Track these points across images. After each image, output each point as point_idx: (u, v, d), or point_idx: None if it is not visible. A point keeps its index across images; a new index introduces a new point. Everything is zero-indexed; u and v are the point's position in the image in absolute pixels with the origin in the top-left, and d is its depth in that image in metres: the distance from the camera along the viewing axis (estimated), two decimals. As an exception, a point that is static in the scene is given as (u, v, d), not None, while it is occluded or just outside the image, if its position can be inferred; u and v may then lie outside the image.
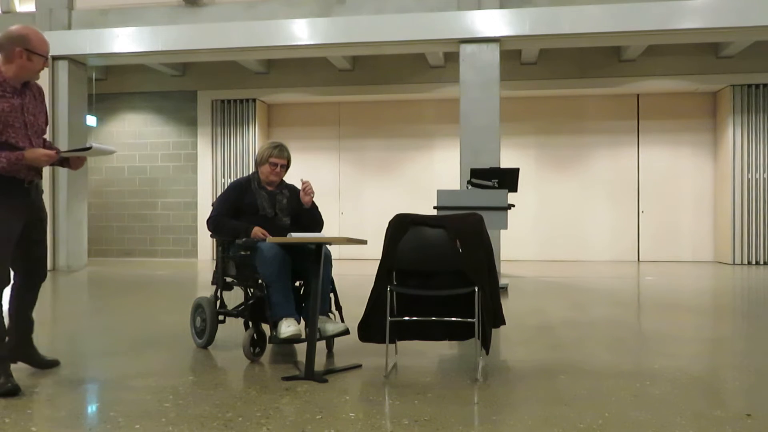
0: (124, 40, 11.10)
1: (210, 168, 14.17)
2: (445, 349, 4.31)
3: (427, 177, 13.91)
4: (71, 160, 3.46)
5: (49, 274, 4.05)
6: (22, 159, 3.17)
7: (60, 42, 11.28)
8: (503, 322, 3.91)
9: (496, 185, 7.60)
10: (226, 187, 4.51)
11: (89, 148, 3.29)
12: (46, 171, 10.68)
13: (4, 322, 3.29)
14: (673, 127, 13.53)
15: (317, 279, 3.60)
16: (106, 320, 5.53)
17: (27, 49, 3.25)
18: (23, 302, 3.51)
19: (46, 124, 3.50)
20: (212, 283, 4.41)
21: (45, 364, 3.65)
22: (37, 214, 3.45)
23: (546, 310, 6.16)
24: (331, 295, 4.11)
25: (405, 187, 14.04)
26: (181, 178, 14.36)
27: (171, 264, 12.85)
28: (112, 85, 14.29)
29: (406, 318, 3.75)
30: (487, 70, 10.15)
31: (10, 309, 3.50)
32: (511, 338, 4.69)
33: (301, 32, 10.62)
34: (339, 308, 4.17)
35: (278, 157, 4.24)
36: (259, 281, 3.90)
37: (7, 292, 3.38)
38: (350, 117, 14.42)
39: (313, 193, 4.28)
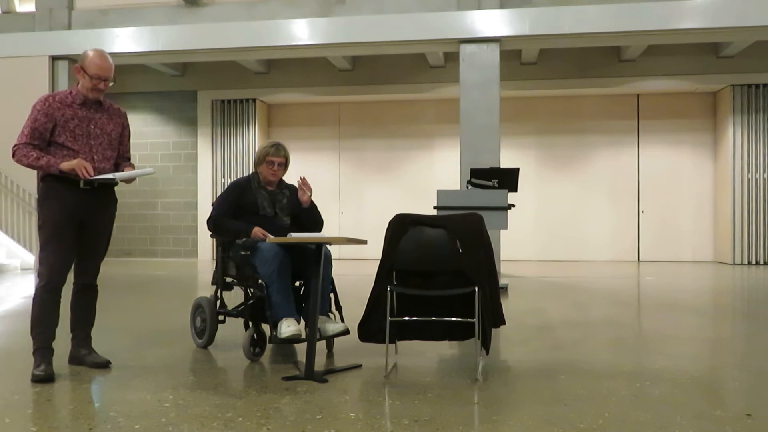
0: (124, 40, 11.11)
1: (210, 168, 14.17)
2: (445, 349, 4.30)
3: (427, 177, 13.91)
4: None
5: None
6: (55, 165, 3.45)
7: (60, 42, 11.29)
8: (503, 322, 3.91)
9: (496, 185, 7.59)
10: (226, 187, 4.51)
11: (113, 180, 3.61)
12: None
13: (54, 315, 3.54)
14: (673, 127, 13.53)
15: (317, 279, 3.60)
16: (105, 320, 5.53)
17: (82, 67, 3.60)
18: (74, 302, 3.79)
19: (122, 143, 3.81)
20: (212, 283, 4.41)
21: (95, 364, 3.72)
22: (97, 221, 3.67)
23: (546, 310, 6.16)
24: (331, 295, 4.10)
25: (405, 187, 14.04)
26: (181, 178, 14.36)
27: (171, 264, 12.85)
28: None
29: (406, 318, 3.75)
30: (487, 70, 10.15)
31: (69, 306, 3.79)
32: (511, 338, 4.69)
33: (301, 32, 10.62)
34: (339, 308, 4.16)
35: (275, 155, 4.23)
36: (259, 281, 3.90)
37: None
38: (350, 117, 14.42)
39: (310, 190, 4.27)
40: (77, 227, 3.59)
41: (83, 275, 3.74)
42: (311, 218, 4.32)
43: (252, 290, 4.06)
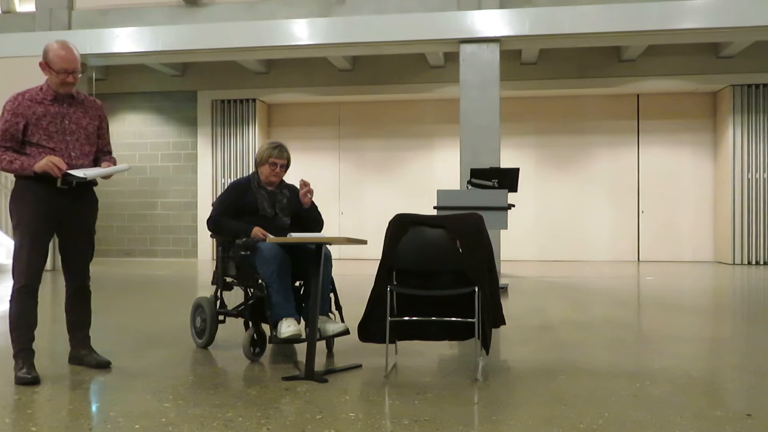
0: (124, 40, 11.10)
1: (210, 168, 14.17)
2: (445, 349, 4.30)
3: (427, 177, 13.91)
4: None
5: (48, 274, 4.06)
6: (29, 167, 3.36)
7: (60, 42, 11.27)
8: (503, 322, 3.91)
9: (496, 185, 7.59)
10: (226, 187, 4.51)
11: (85, 178, 3.48)
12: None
13: (33, 317, 3.46)
14: (673, 127, 13.53)
15: (317, 279, 3.60)
16: (106, 320, 5.53)
17: (46, 62, 3.47)
18: (69, 304, 3.74)
19: (101, 136, 3.70)
20: (212, 283, 4.41)
21: (95, 364, 3.69)
22: (77, 220, 3.58)
23: (546, 310, 6.16)
24: (331, 295, 4.10)
25: (405, 187, 14.04)
26: (181, 178, 14.36)
27: (171, 264, 12.85)
28: (112, 85, 14.29)
29: (406, 318, 3.75)
30: (487, 70, 10.15)
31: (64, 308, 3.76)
32: (511, 338, 4.69)
33: (301, 32, 10.62)
34: (339, 308, 4.16)
35: (278, 157, 4.23)
36: (259, 281, 3.90)
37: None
38: (350, 117, 14.42)
39: (312, 193, 4.28)
40: (54, 229, 3.50)
41: (75, 278, 3.68)
42: (311, 218, 4.32)
43: (252, 290, 4.06)
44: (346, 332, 3.91)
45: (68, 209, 3.51)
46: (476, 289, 3.49)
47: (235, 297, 5.77)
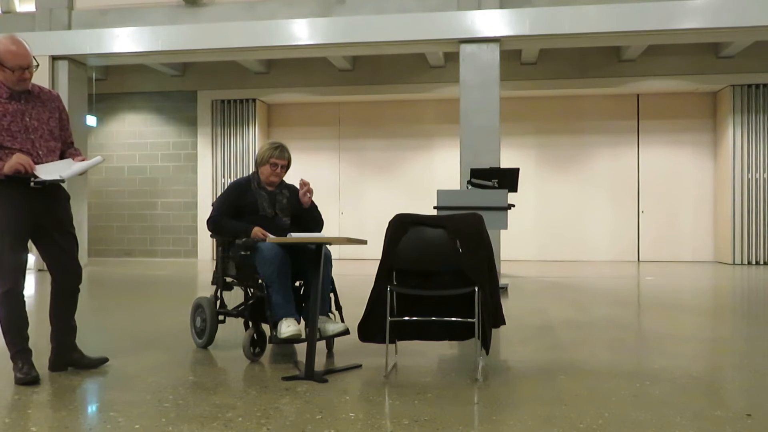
0: (124, 40, 11.11)
1: (210, 168, 14.17)
2: (445, 349, 4.30)
3: (427, 177, 13.90)
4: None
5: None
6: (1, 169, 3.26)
7: (60, 42, 11.28)
8: (503, 322, 3.91)
9: (496, 185, 7.60)
10: (226, 187, 4.51)
11: (62, 180, 3.42)
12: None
13: (23, 317, 3.41)
14: (673, 127, 13.53)
15: (317, 279, 3.60)
16: (106, 320, 5.53)
17: None
18: (58, 308, 3.59)
19: (63, 129, 3.59)
20: (212, 283, 4.41)
21: (94, 364, 3.65)
22: (54, 217, 3.48)
23: (546, 310, 6.16)
24: (331, 295, 4.10)
25: (405, 187, 14.03)
26: (181, 178, 14.35)
27: (171, 264, 12.85)
28: (112, 85, 14.29)
29: (406, 318, 3.75)
30: (487, 70, 10.15)
31: (49, 314, 3.60)
32: (511, 338, 4.69)
33: (301, 32, 10.62)
34: (339, 308, 4.17)
35: (279, 158, 4.23)
36: (259, 281, 3.90)
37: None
38: (350, 117, 14.42)
39: (311, 192, 4.28)
40: (32, 229, 3.41)
41: (66, 278, 3.55)
42: (311, 218, 4.33)
43: (252, 290, 4.06)
44: (346, 332, 3.91)
45: (44, 208, 3.43)
46: (476, 289, 3.49)
47: (235, 297, 5.77)
